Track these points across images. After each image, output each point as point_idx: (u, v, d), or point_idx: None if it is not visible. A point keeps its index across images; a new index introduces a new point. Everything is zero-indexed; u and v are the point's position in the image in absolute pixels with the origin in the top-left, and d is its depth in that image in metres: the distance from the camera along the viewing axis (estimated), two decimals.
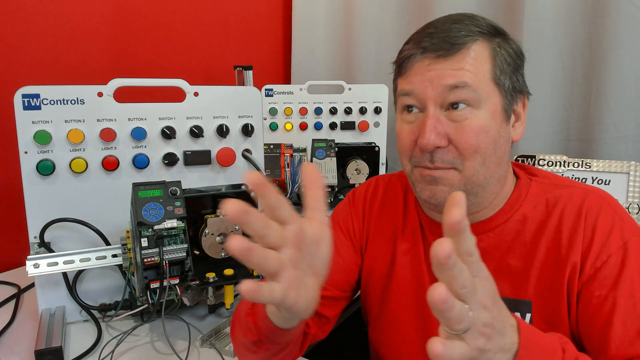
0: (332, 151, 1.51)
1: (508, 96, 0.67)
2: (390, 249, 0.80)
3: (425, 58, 0.66)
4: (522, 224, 0.71)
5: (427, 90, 0.66)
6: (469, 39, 0.65)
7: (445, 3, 1.63)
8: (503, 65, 0.66)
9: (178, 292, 0.79)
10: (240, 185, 0.97)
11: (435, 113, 0.66)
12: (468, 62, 0.64)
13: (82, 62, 1.30)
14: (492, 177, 0.68)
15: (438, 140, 0.65)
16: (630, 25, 1.32)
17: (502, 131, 0.67)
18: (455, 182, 0.67)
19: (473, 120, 0.65)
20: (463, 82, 0.64)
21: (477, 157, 0.66)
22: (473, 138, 0.65)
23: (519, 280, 0.69)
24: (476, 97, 0.64)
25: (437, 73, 0.65)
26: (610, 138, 1.40)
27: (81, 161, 0.86)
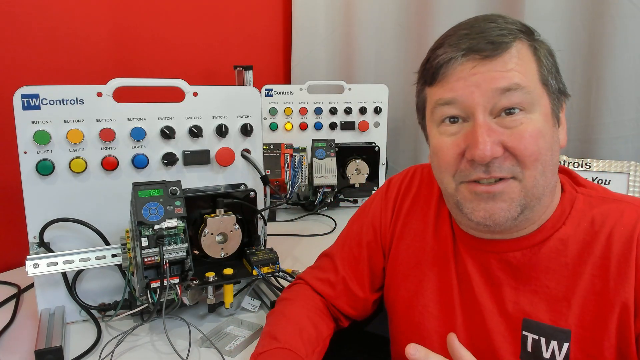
0: (332, 151, 1.51)
1: (555, 99, 0.62)
2: (417, 252, 0.77)
3: (469, 61, 0.59)
4: (564, 244, 0.64)
5: (474, 96, 0.59)
6: (512, 38, 0.59)
7: (445, 3, 1.63)
8: (548, 65, 0.62)
9: (178, 291, 0.79)
10: (240, 185, 0.97)
11: (486, 121, 0.59)
12: (516, 62, 0.59)
13: (82, 62, 1.30)
14: (548, 187, 0.62)
15: (495, 150, 0.58)
16: (630, 25, 1.32)
17: (554, 136, 0.62)
18: (516, 196, 0.60)
19: (530, 125, 0.59)
20: (516, 84, 0.58)
21: (538, 165, 0.59)
22: (533, 144, 0.59)
23: (558, 305, 0.63)
24: (530, 100, 0.59)
25: (485, 76, 0.59)
26: (610, 138, 1.40)
27: (80, 161, 0.86)
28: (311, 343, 0.74)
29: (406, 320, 0.78)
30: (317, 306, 0.81)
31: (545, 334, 0.63)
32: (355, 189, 1.58)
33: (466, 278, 0.70)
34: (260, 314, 0.93)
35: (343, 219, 1.49)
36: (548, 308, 0.64)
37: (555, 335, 0.62)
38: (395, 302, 0.80)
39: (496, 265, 0.67)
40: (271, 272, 0.91)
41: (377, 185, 1.60)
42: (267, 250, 0.93)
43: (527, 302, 0.65)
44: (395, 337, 0.81)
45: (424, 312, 0.75)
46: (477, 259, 0.69)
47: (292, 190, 1.50)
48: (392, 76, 1.81)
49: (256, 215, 0.95)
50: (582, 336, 0.61)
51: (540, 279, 0.64)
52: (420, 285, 0.76)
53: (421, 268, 0.76)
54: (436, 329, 0.74)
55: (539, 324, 0.63)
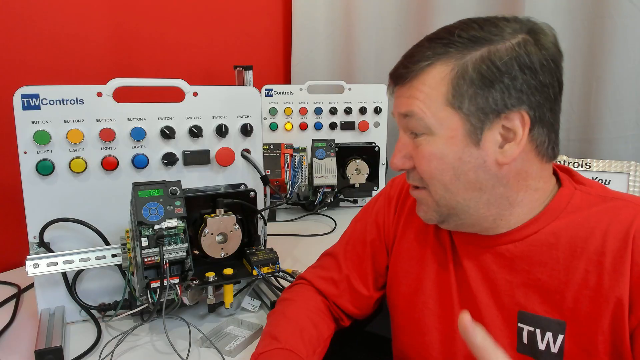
0: (332, 151, 1.51)
1: (473, 119, 0.61)
2: (418, 249, 0.78)
3: (392, 84, 0.68)
4: (557, 237, 0.65)
5: (395, 115, 0.68)
6: (424, 64, 0.63)
7: (445, 3, 1.63)
8: (464, 87, 0.60)
9: (178, 291, 0.79)
10: (240, 185, 0.97)
11: (403, 137, 0.68)
12: (419, 88, 0.63)
13: (82, 62, 1.30)
14: (472, 200, 0.65)
15: (401, 163, 0.68)
16: (630, 25, 1.32)
17: (465, 157, 0.62)
18: (430, 203, 0.68)
19: (426, 148, 0.64)
20: (411, 112, 0.64)
21: (436, 182, 0.65)
22: (425, 164, 0.65)
23: (551, 298, 0.64)
24: (424, 125, 0.63)
25: (396, 101, 0.67)
26: (610, 138, 1.40)
27: (80, 161, 0.86)
28: (312, 344, 0.74)
29: (407, 317, 0.78)
30: (317, 306, 0.81)
31: (540, 325, 0.64)
32: (355, 189, 1.58)
33: (463, 274, 0.72)
34: (260, 314, 0.93)
35: (343, 219, 1.50)
36: (542, 300, 0.65)
37: (550, 327, 0.64)
38: (396, 299, 0.81)
39: (491, 259, 0.69)
40: (271, 272, 0.91)
41: (377, 185, 1.60)
42: (267, 250, 0.93)
43: (521, 294, 0.66)
44: (397, 334, 0.82)
45: (424, 309, 0.75)
46: (473, 254, 0.71)
47: (292, 190, 1.50)
48: None
49: (256, 215, 0.95)
50: (576, 329, 0.62)
51: (533, 272, 0.66)
52: (420, 282, 0.77)
53: (421, 265, 0.77)
54: (435, 325, 0.74)
55: (534, 316, 0.64)
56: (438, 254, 0.76)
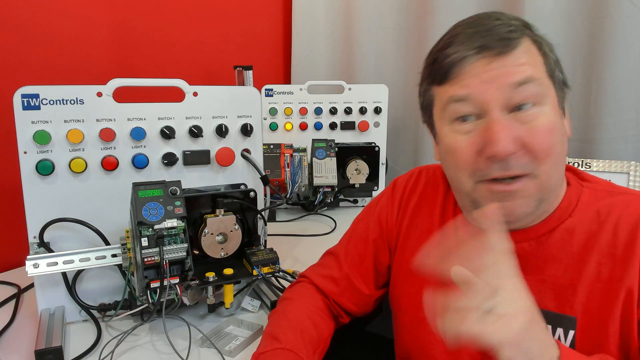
0: (332, 151, 1.51)
1: (560, 90, 0.64)
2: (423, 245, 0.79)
3: (483, 58, 0.60)
4: (570, 234, 0.65)
5: (488, 91, 0.60)
6: (519, 34, 0.61)
7: (445, 3, 1.63)
8: (552, 58, 0.64)
9: (178, 291, 0.79)
10: (240, 185, 0.97)
11: (501, 116, 0.60)
12: (526, 57, 0.61)
13: (82, 62, 1.30)
14: (559, 178, 0.65)
15: (512, 146, 0.59)
16: (630, 25, 1.32)
17: (563, 128, 0.63)
18: (533, 192, 0.61)
19: (543, 119, 0.60)
20: (528, 77, 0.59)
21: (552, 158, 0.61)
22: (548, 138, 0.60)
23: (563, 294, 0.64)
24: (541, 92, 0.60)
25: (499, 72, 0.59)
26: (610, 138, 1.40)
27: (80, 161, 0.86)
28: (312, 344, 0.74)
29: (411, 316, 0.78)
30: (318, 306, 0.81)
31: (552, 321, 0.64)
32: (355, 189, 1.58)
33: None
34: (260, 314, 0.93)
35: (343, 219, 1.50)
36: (554, 296, 0.65)
37: (561, 323, 0.64)
38: (400, 298, 0.81)
39: None
40: (271, 272, 0.91)
41: (377, 185, 1.60)
42: (267, 250, 0.93)
43: (534, 291, 0.64)
44: (400, 332, 0.82)
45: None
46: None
47: (292, 190, 1.50)
48: (392, 76, 1.81)
49: (256, 215, 0.95)
50: (587, 323, 0.62)
51: (547, 269, 0.65)
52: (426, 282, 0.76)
53: None
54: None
55: (545, 312, 0.64)
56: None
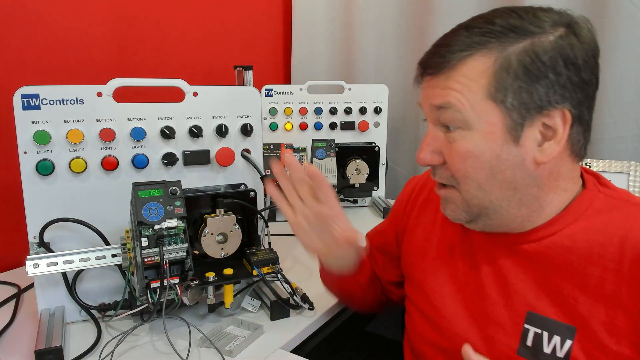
0: (332, 151, 1.51)
1: (515, 114, 0.58)
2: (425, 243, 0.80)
3: (424, 74, 0.65)
4: (573, 241, 0.63)
5: (424, 107, 0.65)
6: (463, 54, 0.59)
7: (445, 3, 1.63)
8: (508, 80, 0.58)
9: (178, 291, 0.79)
10: (240, 185, 0.97)
11: (433, 130, 0.64)
12: (457, 79, 0.59)
13: (82, 62, 1.30)
14: (504, 199, 0.62)
15: (430, 158, 0.65)
16: (630, 25, 1.32)
17: (504, 154, 0.60)
18: (458, 202, 0.65)
19: (460, 144, 0.61)
20: (447, 103, 0.60)
21: (469, 181, 0.62)
22: (460, 162, 0.62)
23: (563, 302, 0.62)
24: (462, 119, 0.60)
25: (429, 92, 0.64)
26: (610, 138, 1.40)
27: (80, 161, 0.86)
28: None
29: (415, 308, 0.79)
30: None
31: (549, 328, 0.63)
32: (355, 189, 1.58)
33: (474, 269, 0.71)
34: (260, 314, 0.93)
35: None
36: (554, 303, 0.63)
37: (560, 331, 0.62)
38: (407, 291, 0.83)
39: (504, 257, 0.68)
40: (271, 272, 0.91)
41: (377, 186, 1.60)
42: (267, 250, 0.93)
43: (533, 295, 0.65)
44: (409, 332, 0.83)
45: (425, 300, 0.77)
46: (489, 250, 0.70)
47: None
48: (392, 76, 1.81)
49: (256, 215, 0.95)
50: (586, 336, 0.60)
51: (547, 273, 0.64)
52: (425, 275, 0.78)
53: (426, 258, 0.78)
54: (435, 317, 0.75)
55: (543, 318, 0.63)
56: (445, 249, 0.76)
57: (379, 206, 1.57)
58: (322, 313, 0.93)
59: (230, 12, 1.74)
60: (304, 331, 0.88)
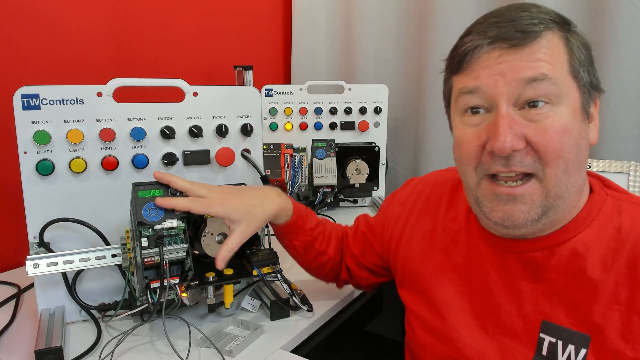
0: (332, 151, 1.51)
1: (586, 93, 0.60)
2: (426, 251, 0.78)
3: (495, 49, 0.58)
4: (586, 248, 0.61)
5: (498, 85, 0.57)
6: (543, 27, 0.57)
7: (445, 3, 1.63)
8: (580, 57, 0.59)
9: (178, 291, 0.79)
10: (240, 185, 0.97)
11: (509, 112, 0.57)
12: (545, 52, 0.57)
13: (82, 62, 1.30)
14: (573, 186, 0.60)
15: (515, 143, 0.57)
16: (630, 25, 1.32)
17: (582, 132, 0.59)
18: (537, 197, 0.59)
19: (555, 119, 0.57)
20: (542, 74, 0.56)
21: (560, 162, 0.57)
22: (557, 140, 0.57)
23: (578, 311, 0.61)
24: (557, 92, 0.57)
25: (511, 65, 0.57)
26: (610, 138, 1.40)
27: (80, 161, 0.86)
28: None
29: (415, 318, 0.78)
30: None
31: (564, 337, 0.61)
32: (355, 189, 1.58)
33: (483, 277, 0.69)
34: (260, 314, 0.93)
35: (343, 219, 1.48)
36: (567, 312, 0.61)
37: (574, 340, 0.60)
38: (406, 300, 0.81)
39: (516, 266, 0.66)
40: (271, 272, 0.90)
41: (377, 185, 1.60)
42: (268, 250, 0.93)
43: (547, 303, 0.63)
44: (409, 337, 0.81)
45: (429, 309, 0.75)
46: (497, 258, 0.68)
47: (292, 190, 1.50)
48: (392, 76, 1.81)
49: None
50: (601, 345, 0.59)
51: (560, 282, 0.62)
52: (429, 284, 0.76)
53: (427, 267, 0.76)
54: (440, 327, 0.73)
55: (558, 327, 0.62)
56: (449, 257, 0.74)
57: (379, 206, 1.57)
58: (322, 313, 0.93)
59: (230, 12, 1.74)
60: (304, 331, 0.88)
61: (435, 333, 0.73)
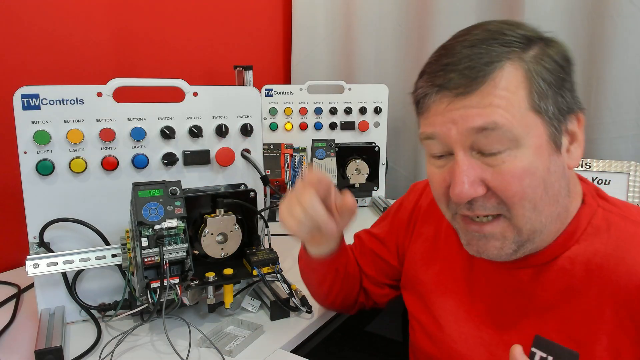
0: (332, 151, 1.51)
1: (554, 122, 0.56)
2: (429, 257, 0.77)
3: (443, 97, 0.56)
4: (572, 263, 0.60)
5: (451, 133, 0.56)
6: (495, 66, 0.54)
7: (445, 3, 1.63)
8: (541, 88, 0.55)
9: (178, 291, 0.79)
10: (240, 185, 0.97)
11: (466, 158, 0.56)
12: (497, 94, 0.53)
13: (82, 62, 1.30)
14: (550, 217, 0.58)
15: (473, 191, 0.55)
16: (630, 25, 1.32)
17: (552, 166, 0.56)
18: (508, 234, 0.58)
19: (513, 164, 0.54)
20: (493, 123, 0.53)
21: (525, 203, 0.56)
22: (516, 184, 0.55)
23: (566, 326, 0.60)
24: (512, 137, 0.54)
25: (461, 113, 0.54)
26: (610, 138, 1.40)
27: (80, 161, 0.86)
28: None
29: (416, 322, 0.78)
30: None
31: (554, 353, 0.59)
32: (355, 189, 1.58)
33: (481, 289, 0.69)
34: (260, 314, 0.93)
35: None
36: (558, 328, 0.61)
37: (564, 356, 0.59)
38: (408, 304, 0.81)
39: (508, 280, 0.66)
40: (271, 272, 0.91)
41: (377, 185, 1.61)
42: (267, 250, 0.93)
43: (538, 319, 0.63)
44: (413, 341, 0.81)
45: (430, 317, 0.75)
46: (493, 271, 0.68)
47: None
48: (392, 76, 1.81)
49: (256, 215, 0.95)
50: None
51: (548, 298, 0.62)
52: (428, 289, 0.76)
53: (429, 272, 0.76)
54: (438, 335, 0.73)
55: (549, 343, 0.60)
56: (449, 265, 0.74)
57: (379, 206, 1.57)
58: (322, 313, 0.93)
59: (230, 12, 1.74)
60: (304, 331, 0.88)
61: (433, 340, 0.74)
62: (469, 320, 0.70)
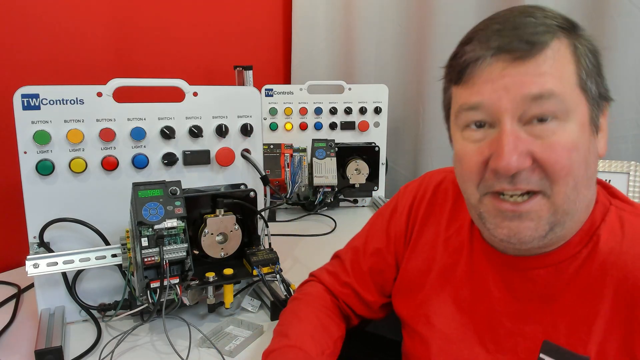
0: (332, 151, 1.51)
1: (595, 105, 0.56)
2: (426, 261, 0.74)
3: (498, 61, 0.54)
4: (587, 263, 0.58)
5: (502, 101, 0.53)
6: (549, 36, 0.53)
7: (445, 3, 1.63)
8: (588, 67, 0.54)
9: (178, 291, 0.79)
10: (240, 185, 0.97)
11: (514, 128, 0.53)
12: (551, 64, 0.52)
13: (82, 62, 1.30)
14: (582, 202, 0.57)
15: (521, 162, 0.53)
16: (630, 25, 1.32)
17: (591, 147, 0.56)
18: (544, 214, 0.55)
19: (563, 136, 0.53)
20: (549, 91, 0.52)
21: (570, 180, 0.54)
22: (565, 157, 0.53)
23: (577, 329, 0.58)
24: (564, 108, 0.53)
25: (515, 80, 0.53)
26: (610, 138, 1.39)
27: (80, 161, 0.86)
28: (321, 344, 0.72)
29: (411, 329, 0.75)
30: (326, 306, 0.79)
31: (564, 358, 0.58)
32: (355, 189, 1.58)
33: (485, 294, 0.67)
34: (260, 314, 0.93)
35: (343, 219, 1.50)
36: (568, 331, 0.59)
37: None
38: (400, 310, 0.78)
39: (519, 284, 0.64)
40: (271, 272, 0.91)
41: (377, 185, 1.61)
42: (267, 250, 0.93)
43: (549, 323, 0.61)
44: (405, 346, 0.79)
45: (427, 323, 0.72)
46: (500, 275, 0.66)
47: (292, 190, 1.50)
48: (392, 76, 1.81)
49: (256, 215, 0.95)
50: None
51: (564, 300, 0.60)
52: (424, 295, 0.74)
53: (427, 278, 0.74)
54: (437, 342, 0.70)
55: (559, 348, 0.59)
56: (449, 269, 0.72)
57: (378, 206, 1.57)
58: None
59: (230, 12, 1.74)
60: None
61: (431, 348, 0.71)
62: (471, 325, 0.68)
